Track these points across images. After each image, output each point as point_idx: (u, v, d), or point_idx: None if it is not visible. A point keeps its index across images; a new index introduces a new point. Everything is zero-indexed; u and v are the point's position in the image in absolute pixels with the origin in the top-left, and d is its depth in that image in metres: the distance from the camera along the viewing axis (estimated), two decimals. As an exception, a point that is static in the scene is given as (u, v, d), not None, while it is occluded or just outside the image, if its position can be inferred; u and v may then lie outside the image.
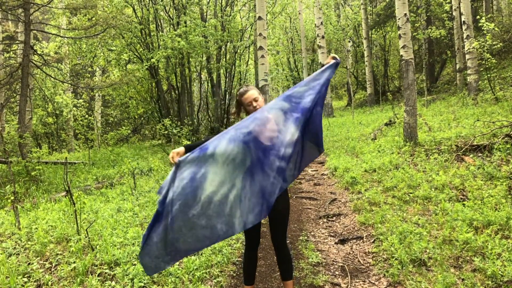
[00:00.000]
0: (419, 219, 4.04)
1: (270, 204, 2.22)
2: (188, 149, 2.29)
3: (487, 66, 9.41)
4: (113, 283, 3.08)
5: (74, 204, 4.03)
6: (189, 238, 2.21)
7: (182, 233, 2.19)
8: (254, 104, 2.53)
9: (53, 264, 3.44)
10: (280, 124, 2.26)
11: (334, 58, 2.38)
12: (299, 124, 2.27)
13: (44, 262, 3.48)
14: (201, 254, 3.61)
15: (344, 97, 24.89)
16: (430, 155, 6.12)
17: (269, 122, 2.26)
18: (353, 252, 3.81)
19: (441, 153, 6.01)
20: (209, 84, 15.69)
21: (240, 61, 15.77)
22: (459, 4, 11.66)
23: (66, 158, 5.02)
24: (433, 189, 4.79)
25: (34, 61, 9.67)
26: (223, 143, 2.16)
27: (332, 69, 2.35)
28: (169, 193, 2.15)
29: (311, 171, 7.88)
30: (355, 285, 3.15)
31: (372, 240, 3.95)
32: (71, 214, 4.63)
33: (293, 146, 2.26)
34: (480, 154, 5.52)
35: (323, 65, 2.40)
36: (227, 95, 15.23)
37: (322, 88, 2.31)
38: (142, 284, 3.05)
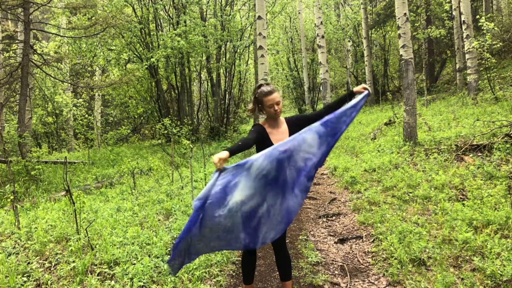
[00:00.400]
0: (418, 218, 4.04)
1: (290, 221, 2.36)
2: (232, 152, 2.21)
3: (487, 65, 9.40)
4: (113, 282, 3.08)
5: (73, 203, 4.03)
6: (210, 237, 2.27)
7: (207, 230, 2.23)
8: (276, 107, 2.49)
9: (53, 264, 3.44)
10: (314, 147, 2.34)
11: (365, 88, 2.57)
12: (330, 146, 2.42)
13: (44, 262, 3.48)
14: (201, 254, 3.61)
15: (344, 97, 24.85)
16: (430, 154, 6.12)
17: (305, 143, 2.31)
18: (353, 251, 3.81)
19: (440, 152, 6.01)
20: (209, 84, 15.69)
21: (240, 60, 15.76)
22: (459, 3, 11.65)
23: (65, 157, 5.01)
24: (432, 189, 4.79)
25: (34, 61, 9.66)
26: (260, 158, 2.22)
27: (366, 99, 2.58)
28: (208, 199, 2.20)
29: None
30: (354, 284, 3.15)
31: (372, 240, 3.95)
32: (71, 214, 4.63)
33: (318, 166, 2.41)
34: (479, 154, 5.52)
35: (352, 92, 2.60)
36: (227, 95, 15.22)
37: (354, 113, 2.49)
38: (142, 284, 3.05)
